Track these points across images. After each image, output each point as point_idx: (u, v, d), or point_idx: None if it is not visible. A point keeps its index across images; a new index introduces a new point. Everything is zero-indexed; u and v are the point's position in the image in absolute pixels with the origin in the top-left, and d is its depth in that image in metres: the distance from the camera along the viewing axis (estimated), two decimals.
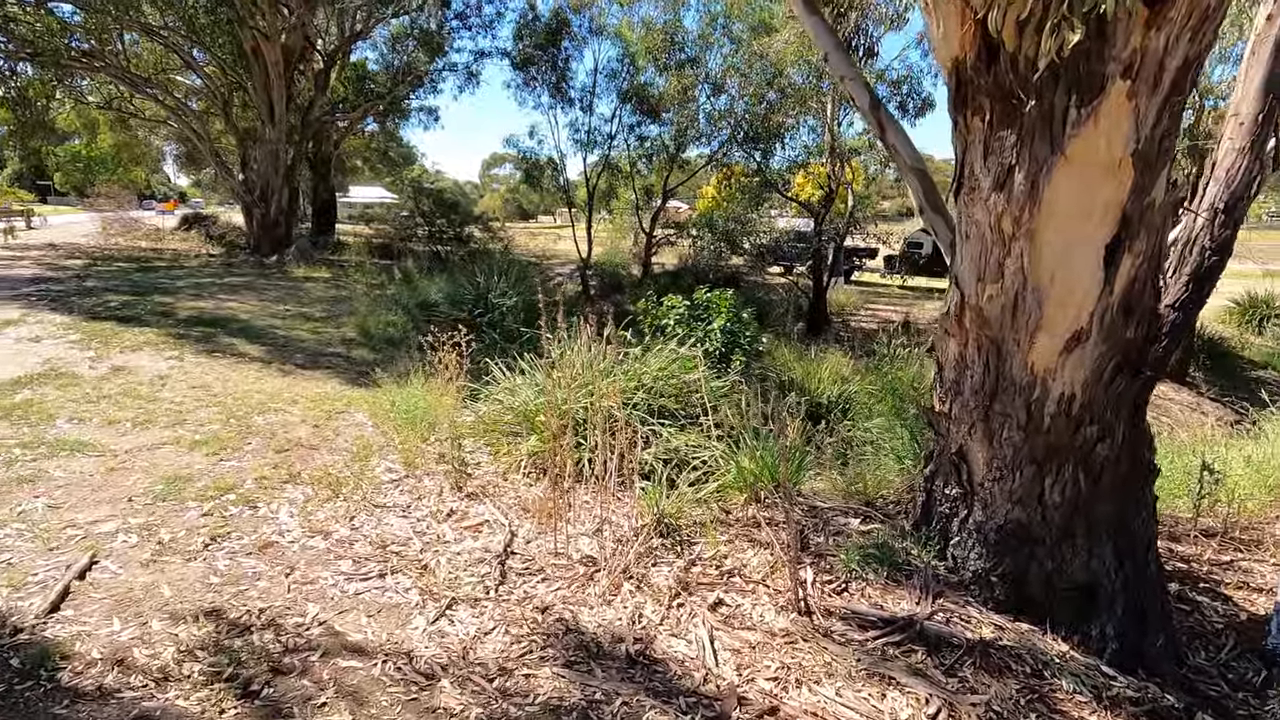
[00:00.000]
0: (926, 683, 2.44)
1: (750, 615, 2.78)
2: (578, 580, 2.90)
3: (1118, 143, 2.17)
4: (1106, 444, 2.59)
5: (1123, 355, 2.48)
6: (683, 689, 2.27)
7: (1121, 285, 2.37)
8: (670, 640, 2.54)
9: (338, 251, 20.93)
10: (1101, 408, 2.55)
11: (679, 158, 19.55)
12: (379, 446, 4.39)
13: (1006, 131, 2.32)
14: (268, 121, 16.95)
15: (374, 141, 34.02)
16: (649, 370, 4.72)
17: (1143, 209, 2.27)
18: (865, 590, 3.05)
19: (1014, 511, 2.86)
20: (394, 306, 9.50)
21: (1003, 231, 2.43)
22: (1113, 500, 2.70)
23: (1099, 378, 2.50)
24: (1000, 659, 2.66)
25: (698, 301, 6.23)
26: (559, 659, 2.33)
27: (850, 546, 3.30)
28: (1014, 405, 2.66)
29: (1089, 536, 2.77)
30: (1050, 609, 2.91)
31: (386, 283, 13.84)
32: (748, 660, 2.47)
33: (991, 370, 2.68)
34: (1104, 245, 2.31)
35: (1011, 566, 2.94)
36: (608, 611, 2.69)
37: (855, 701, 2.31)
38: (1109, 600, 2.78)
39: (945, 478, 3.13)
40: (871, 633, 2.73)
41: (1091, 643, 2.79)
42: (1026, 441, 2.69)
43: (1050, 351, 2.51)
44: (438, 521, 3.33)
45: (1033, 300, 2.45)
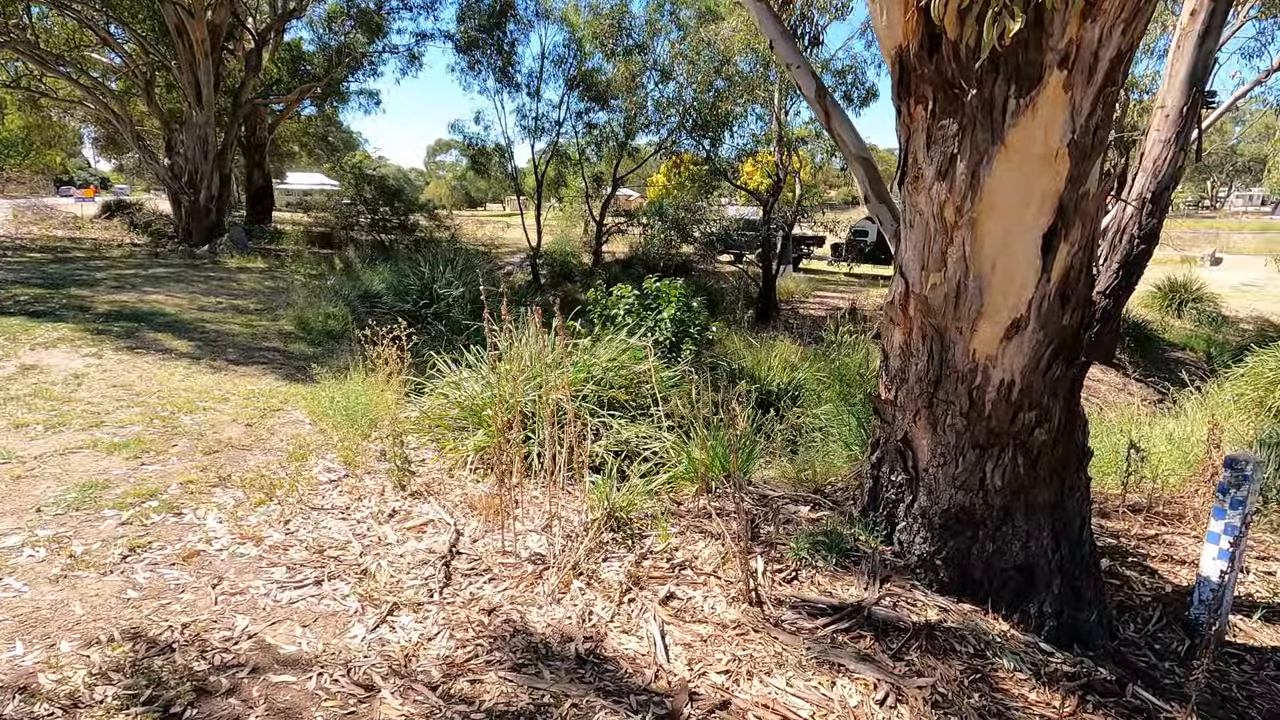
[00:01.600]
0: (875, 668, 2.46)
1: (702, 608, 2.76)
2: (526, 579, 2.83)
3: (1055, 133, 2.20)
4: (1044, 429, 2.65)
5: (1059, 342, 2.53)
6: (634, 687, 2.23)
7: (1058, 273, 2.41)
8: (621, 637, 2.50)
9: (275, 241, 20.10)
10: (1039, 393, 2.61)
11: (628, 145, 19.42)
12: (317, 445, 4.20)
13: (949, 120, 2.32)
14: (194, 103, 16.08)
15: (312, 126, 32.75)
16: (598, 362, 4.65)
17: (1078, 198, 2.31)
18: (815, 578, 3.07)
19: (957, 496, 2.91)
20: (334, 298, 9.15)
21: (945, 220, 2.45)
22: (1050, 483, 2.78)
23: (1037, 364, 2.55)
24: (945, 641, 2.71)
25: (647, 291, 6.19)
26: (506, 662, 2.26)
27: (800, 535, 3.32)
28: (957, 392, 2.70)
29: (1028, 518, 2.85)
30: (992, 590, 2.99)
31: (327, 273, 13.37)
32: (699, 654, 2.44)
33: (935, 358, 2.71)
34: (1042, 234, 2.35)
35: (955, 549, 3.00)
36: (557, 610, 2.63)
37: (806, 691, 2.32)
38: (1046, 580, 2.87)
39: (891, 464, 3.17)
40: (821, 620, 2.74)
41: (1030, 621, 2.87)
42: (969, 427, 2.74)
43: (991, 339, 2.55)
44: (379, 523, 3.20)
45: (975, 288, 2.48)
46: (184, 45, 15.50)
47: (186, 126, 16.58)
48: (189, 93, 16.08)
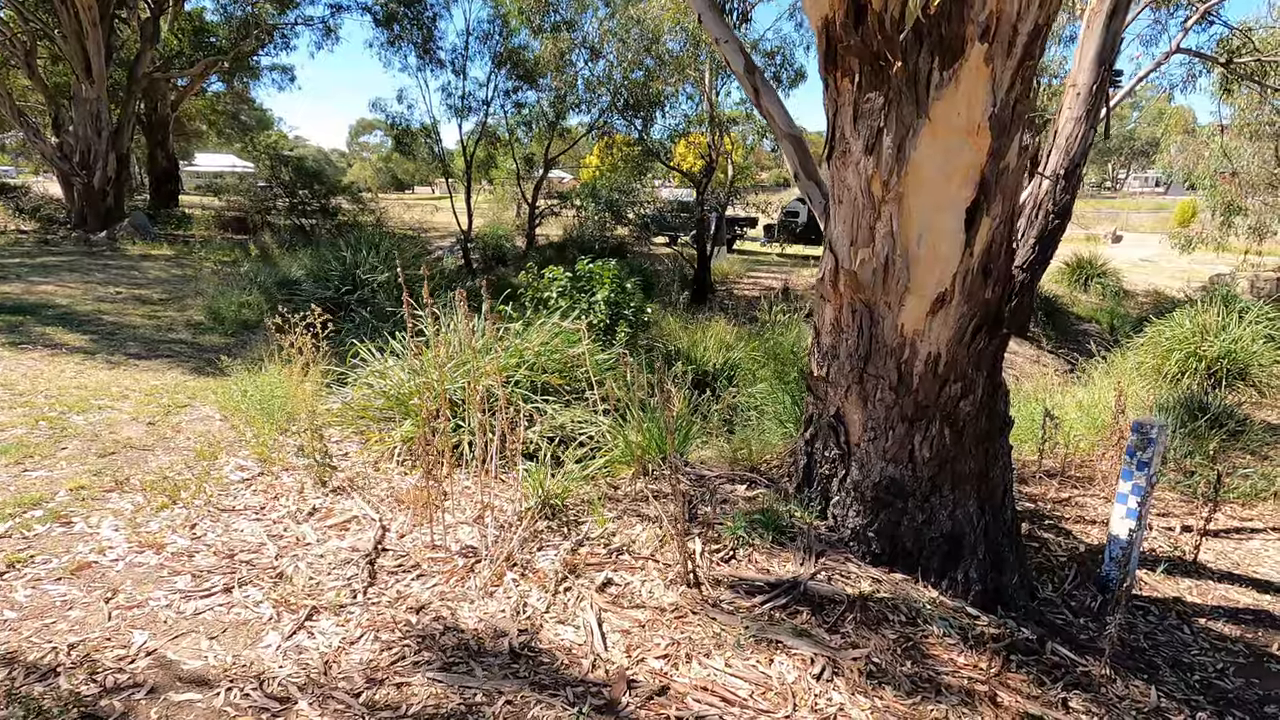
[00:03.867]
0: (811, 643, 2.48)
1: (640, 593, 2.71)
2: (457, 573, 2.71)
3: (977, 106, 2.22)
4: (969, 400, 2.71)
5: (982, 315, 2.58)
6: (570, 679, 2.17)
7: (981, 247, 2.45)
8: (557, 628, 2.43)
9: (182, 226, 18.85)
10: (964, 366, 2.66)
11: (559, 126, 19.04)
12: (229, 443, 3.93)
13: (875, 94, 2.31)
14: (83, 77, 14.79)
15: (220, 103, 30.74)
16: (530, 346, 4.52)
17: (999, 172, 2.34)
18: (752, 556, 3.07)
19: (888, 469, 2.96)
20: (249, 286, 8.61)
21: (873, 195, 2.45)
22: (974, 453, 2.85)
23: (961, 337, 2.60)
24: (879, 611, 2.76)
25: (580, 273, 6.07)
26: (435, 662, 2.16)
27: (737, 514, 3.32)
28: (886, 367, 2.72)
29: (955, 488, 2.92)
30: (922, 559, 3.06)
31: (241, 259, 12.62)
32: (638, 640, 2.40)
33: (865, 333, 2.73)
34: (965, 208, 2.37)
35: (886, 521, 3.05)
36: (490, 604, 2.53)
37: (745, 670, 2.31)
38: (972, 547, 2.95)
39: (824, 440, 3.19)
40: (759, 598, 2.74)
41: (958, 587, 2.96)
42: (898, 401, 2.77)
43: (919, 313, 2.57)
44: (297, 522, 3.01)
45: (902, 264, 2.49)
46: (68, 12, 14.19)
47: (76, 102, 15.25)
48: (77, 65, 14.76)
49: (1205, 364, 8.16)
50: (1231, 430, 5.91)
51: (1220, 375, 8.08)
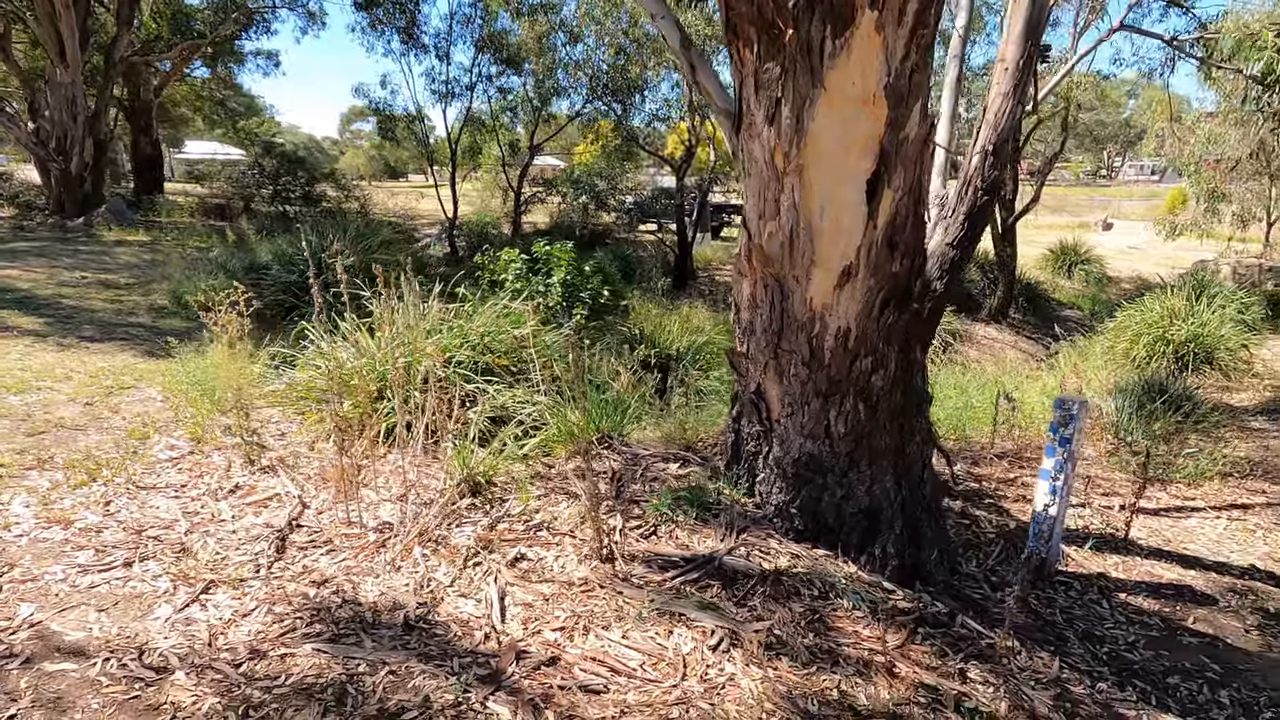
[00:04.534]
0: (715, 615, 2.49)
1: (551, 567, 2.72)
2: (367, 549, 2.71)
3: (871, 76, 2.20)
4: (880, 375, 2.71)
5: (890, 289, 2.57)
6: (460, 650, 2.17)
7: (884, 220, 2.44)
8: (458, 601, 2.43)
9: (165, 213, 18.70)
10: (874, 340, 2.65)
11: (543, 112, 18.90)
12: (165, 423, 3.92)
13: (772, 64, 2.28)
14: (58, 61, 14.60)
15: (205, 89, 30.41)
16: (475, 327, 4.51)
17: (899, 143, 2.33)
18: (674, 532, 3.08)
19: (806, 444, 2.96)
20: (217, 271, 8.55)
21: (777, 167, 2.43)
22: (890, 428, 2.85)
23: (870, 311, 2.59)
24: (791, 585, 2.77)
25: (537, 255, 6.04)
26: (326, 634, 2.16)
27: (664, 491, 3.32)
28: (798, 341, 2.71)
29: (871, 464, 2.92)
30: (842, 534, 3.07)
31: (217, 245, 12.53)
32: (538, 613, 2.40)
33: (777, 308, 2.72)
34: (866, 180, 2.36)
35: (808, 497, 3.06)
36: (395, 579, 2.53)
37: (641, 642, 2.31)
38: (889, 521, 2.96)
39: (748, 417, 3.19)
40: (671, 573, 2.75)
41: (875, 562, 2.97)
42: (811, 376, 2.77)
43: (826, 287, 2.56)
44: (216, 499, 3.01)
45: (806, 237, 2.48)
46: None
47: (51, 87, 15.05)
48: (50, 49, 14.57)
49: (1173, 348, 8.18)
50: (1187, 412, 5.93)
51: (1187, 359, 8.11)
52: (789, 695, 2.16)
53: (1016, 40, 3.16)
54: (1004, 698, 2.32)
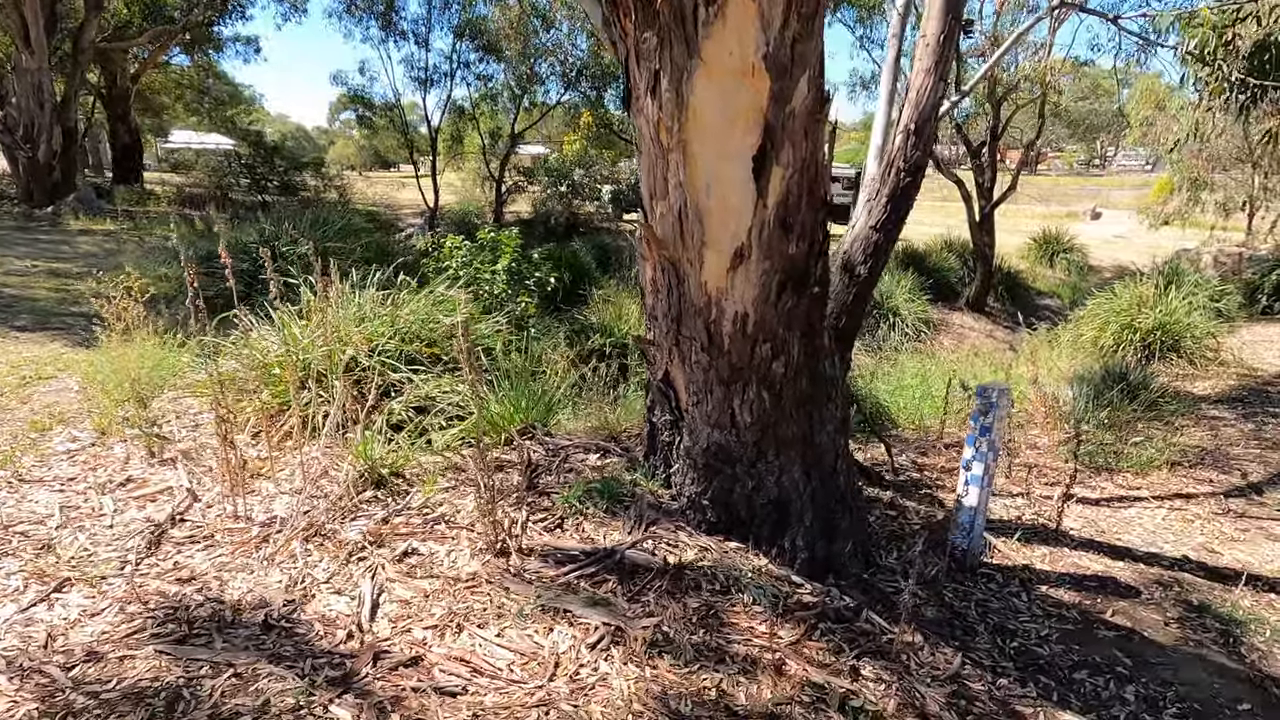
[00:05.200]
0: (604, 612, 2.39)
1: (441, 562, 2.62)
2: (250, 544, 2.60)
3: (748, 45, 2.08)
4: (781, 362, 2.60)
5: (787, 272, 2.47)
6: (317, 650, 2.07)
7: (775, 199, 2.32)
8: (330, 599, 2.33)
9: (142, 202, 18.45)
10: (773, 325, 2.55)
11: (524, 100, 18.70)
12: (75, 414, 3.80)
13: (649, 34, 2.16)
14: (23, 47, 14.33)
15: (185, 77, 29.98)
16: (403, 314, 4.39)
17: (785, 118, 2.21)
18: (581, 525, 2.98)
19: (714, 434, 2.86)
20: (172, 260, 8.40)
21: (662, 143, 2.32)
22: (796, 417, 2.75)
23: (767, 296, 2.48)
24: (693, 579, 2.68)
25: (483, 241, 5.91)
26: (175, 635, 2.06)
27: (577, 483, 3.22)
28: (696, 327, 2.61)
29: (779, 454, 2.82)
30: (753, 526, 2.98)
31: (187, 234, 12.35)
32: (414, 610, 2.30)
33: (674, 292, 2.61)
34: (752, 156, 2.25)
35: (719, 488, 2.96)
36: (270, 575, 2.43)
37: (517, 640, 2.22)
38: (799, 513, 2.87)
39: (660, 406, 3.09)
40: (568, 567, 2.65)
41: (785, 555, 2.88)
42: (712, 363, 2.67)
43: (719, 270, 2.45)
44: (102, 493, 2.89)
45: (694, 217, 2.37)
46: None
47: (17, 73, 14.78)
48: (15, 34, 14.29)
49: (1139, 336, 8.12)
50: (1145, 401, 5.86)
51: (1154, 347, 8.04)
52: (663, 695, 2.07)
53: (937, 15, 3.05)
54: (894, 695, 2.23)
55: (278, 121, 63.98)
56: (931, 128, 3.18)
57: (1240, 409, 6.36)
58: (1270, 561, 3.54)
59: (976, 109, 13.43)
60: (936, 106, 3.16)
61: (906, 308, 11.36)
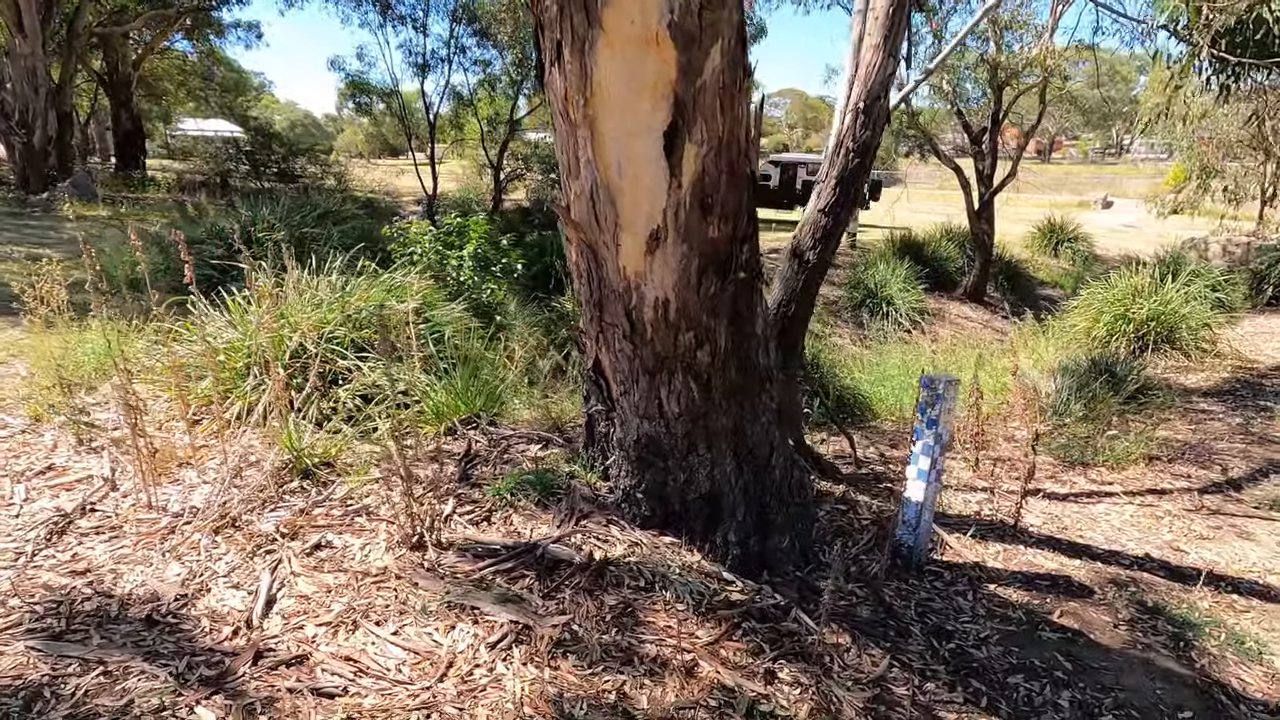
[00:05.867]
0: (514, 609, 2.30)
1: (353, 556, 2.53)
2: (156, 535, 2.53)
3: (651, 13, 1.95)
4: (707, 350, 2.49)
5: (708, 256, 2.34)
6: (198, 648, 1.99)
7: (690, 178, 2.20)
8: (226, 593, 2.25)
9: (141, 189, 18.47)
10: (696, 312, 2.43)
11: (521, 85, 18.51)
12: (15, 401, 3.73)
13: (549, 1, 2.04)
14: (16, 31, 14.30)
15: (188, 64, 29.95)
16: (354, 300, 4.30)
17: (696, 91, 2.08)
18: (510, 518, 2.89)
19: (644, 425, 2.75)
20: (150, 245, 8.36)
21: (571, 119, 2.19)
22: (726, 408, 2.64)
23: (687, 280, 2.36)
24: (617, 576, 2.58)
25: (451, 226, 5.80)
26: (49, 631, 1.98)
27: (511, 475, 3.13)
28: (617, 313, 2.49)
29: (710, 447, 2.71)
30: (687, 521, 2.88)
31: (178, 221, 12.32)
32: (311, 606, 2.22)
33: (595, 277, 2.50)
34: (663, 133, 2.12)
35: (652, 481, 2.86)
36: (170, 567, 2.35)
37: (414, 639, 2.13)
38: (731, 508, 2.76)
39: (593, 395, 2.99)
40: (486, 562, 2.56)
41: (718, 550, 2.78)
42: (636, 352, 2.55)
43: (636, 253, 2.34)
44: (16, 482, 2.83)
45: (605, 196, 2.25)
46: None
47: (11, 58, 14.76)
48: (8, 18, 14.26)
49: (1133, 326, 7.92)
50: (1129, 393, 5.70)
51: (1148, 338, 7.84)
52: (558, 698, 1.98)
53: None
54: (809, 700, 2.13)
55: (287, 109, 63.91)
56: (882, 106, 3.04)
57: (1231, 402, 6.18)
58: (1238, 561, 3.41)
59: (978, 93, 13.12)
60: (887, 84, 3.01)
61: (901, 297, 11.16)
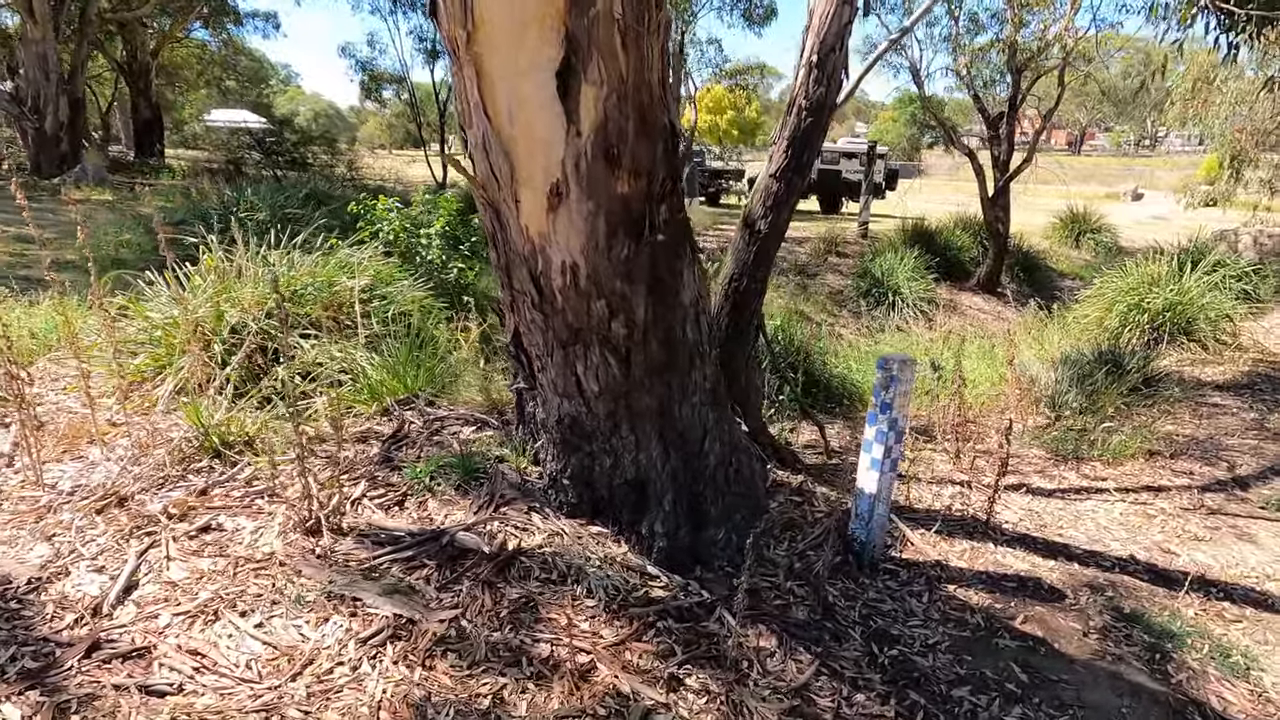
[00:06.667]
0: (401, 602, 2.10)
1: (242, 540, 2.35)
2: (33, 514, 2.37)
3: None
4: (621, 321, 2.25)
5: (617, 214, 2.11)
6: (33, 637, 1.81)
7: (590, 125, 1.96)
8: (87, 577, 2.07)
9: (155, 175, 18.62)
10: (609, 279, 2.20)
11: None
12: None
13: None
14: (27, 17, 14.40)
15: (206, 53, 30.18)
16: (298, 275, 4.14)
17: (589, 25, 1.85)
18: (426, 503, 2.69)
19: (565, 405, 2.53)
20: (136, 226, 8.33)
21: (459, 58, 1.97)
22: (650, 386, 2.40)
23: (596, 242, 2.13)
24: (527, 567, 2.37)
25: (419, 203, 5.62)
26: None
27: (434, 457, 2.93)
28: (524, 279, 2.27)
29: (633, 428, 2.48)
30: (614, 509, 2.66)
31: (180, 205, 12.33)
32: (174, 594, 2.04)
33: (500, 238, 2.27)
34: (555, 72, 1.89)
35: (578, 466, 2.64)
36: (37, 549, 2.19)
37: (279, 632, 1.94)
38: (658, 496, 2.53)
39: (519, 371, 2.77)
40: (385, 549, 2.37)
41: (644, 542, 2.56)
42: (547, 322, 2.33)
43: (538, 211, 2.11)
44: None
45: (498, 146, 2.02)
46: None
47: (23, 44, 14.90)
48: (20, 5, 14.37)
49: (1148, 317, 7.49)
50: (1135, 386, 5.35)
51: (1164, 329, 7.42)
52: (423, 702, 1.77)
53: None
54: (714, 710, 1.90)
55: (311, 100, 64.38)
56: (838, 60, 2.76)
57: (1247, 396, 5.79)
58: (1234, 565, 3.10)
59: (996, 76, 12.63)
60: (843, 34, 2.74)
61: (909, 287, 10.78)
